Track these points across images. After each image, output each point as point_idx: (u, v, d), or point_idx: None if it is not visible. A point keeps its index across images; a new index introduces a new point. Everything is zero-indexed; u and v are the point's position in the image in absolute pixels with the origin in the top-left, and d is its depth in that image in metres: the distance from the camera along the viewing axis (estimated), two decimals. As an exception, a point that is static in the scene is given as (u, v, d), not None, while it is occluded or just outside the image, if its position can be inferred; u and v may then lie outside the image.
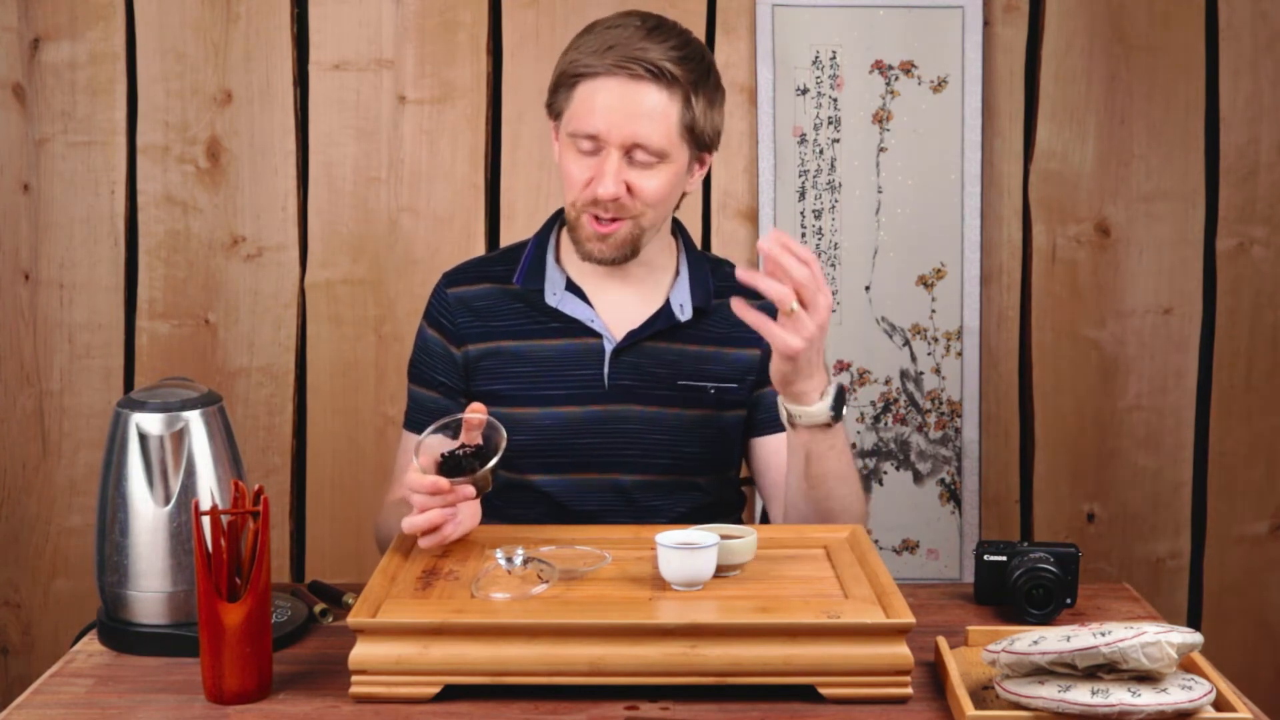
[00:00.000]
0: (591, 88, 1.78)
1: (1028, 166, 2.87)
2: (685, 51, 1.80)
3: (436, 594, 1.53)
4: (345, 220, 2.85)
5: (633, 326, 1.90)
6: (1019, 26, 2.85)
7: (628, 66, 1.76)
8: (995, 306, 2.89)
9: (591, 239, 1.84)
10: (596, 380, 1.89)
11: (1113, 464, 2.92)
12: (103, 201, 2.83)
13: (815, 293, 1.66)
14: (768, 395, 1.94)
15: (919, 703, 1.46)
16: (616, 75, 1.77)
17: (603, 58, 1.77)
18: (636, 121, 1.77)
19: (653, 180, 1.80)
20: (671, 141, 1.80)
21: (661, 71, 1.77)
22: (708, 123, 1.84)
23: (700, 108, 1.81)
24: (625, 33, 1.78)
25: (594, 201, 1.81)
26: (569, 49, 1.83)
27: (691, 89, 1.79)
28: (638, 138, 1.77)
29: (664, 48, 1.78)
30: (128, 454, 1.59)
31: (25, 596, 2.90)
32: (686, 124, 1.81)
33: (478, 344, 1.92)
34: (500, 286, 1.94)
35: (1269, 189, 2.87)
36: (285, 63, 2.82)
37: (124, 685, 1.51)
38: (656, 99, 1.77)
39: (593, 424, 1.87)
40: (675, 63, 1.77)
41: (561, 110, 1.84)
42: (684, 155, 1.83)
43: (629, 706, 1.43)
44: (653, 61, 1.76)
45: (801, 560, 1.66)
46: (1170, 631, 1.36)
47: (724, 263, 2.02)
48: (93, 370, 2.86)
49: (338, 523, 2.89)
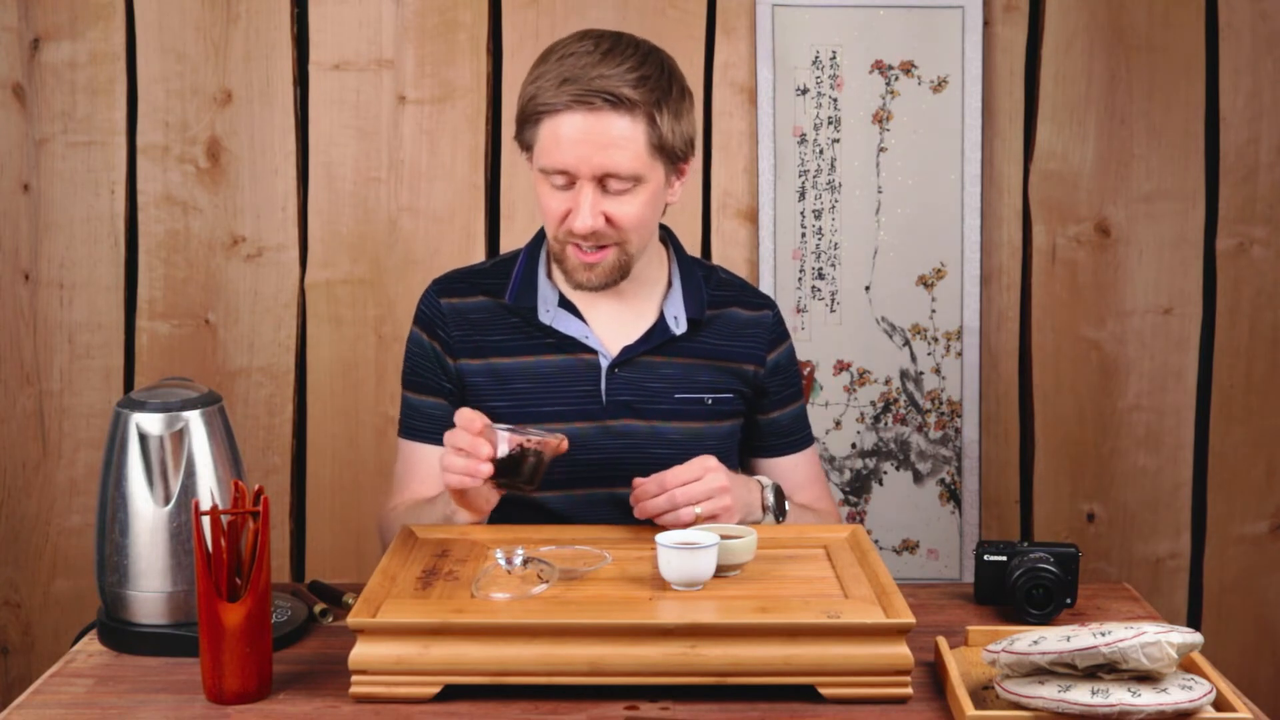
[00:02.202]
0: (555, 124, 1.75)
1: (1028, 166, 2.87)
2: (642, 70, 1.76)
3: (436, 594, 1.53)
4: (345, 220, 2.85)
5: (628, 341, 1.90)
6: (1019, 26, 2.85)
7: (587, 100, 1.73)
8: (995, 306, 2.89)
9: (579, 269, 1.83)
10: (594, 397, 1.89)
11: (1113, 464, 2.92)
12: (103, 201, 2.83)
13: (686, 491, 1.72)
14: (768, 422, 2.00)
15: (919, 703, 1.46)
16: (576, 110, 1.74)
17: (560, 92, 1.74)
18: (604, 153, 1.75)
19: (630, 206, 1.79)
20: (643, 164, 1.77)
21: (620, 99, 1.73)
22: (677, 136, 1.80)
23: (667, 123, 1.78)
24: (580, 61, 1.75)
25: (572, 233, 1.80)
26: (529, 79, 1.80)
27: (654, 108, 1.76)
28: (608, 168, 1.75)
29: (620, 71, 1.74)
30: (128, 454, 1.59)
31: (25, 596, 2.90)
32: (655, 143, 1.78)
33: (472, 359, 1.92)
34: (495, 301, 1.93)
35: (1269, 189, 2.87)
36: (285, 63, 2.82)
37: (124, 685, 1.51)
38: (620, 126, 1.74)
39: (592, 440, 1.87)
40: (634, 85, 1.74)
41: (530, 145, 1.82)
42: (659, 173, 1.81)
43: (629, 706, 1.43)
44: (611, 90, 1.73)
45: (801, 560, 1.66)
46: (1170, 631, 1.36)
47: (716, 270, 2.02)
48: (93, 370, 2.86)
49: (338, 523, 2.89)
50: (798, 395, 2.03)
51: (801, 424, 2.04)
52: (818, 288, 2.86)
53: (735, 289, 2.00)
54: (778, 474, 1.99)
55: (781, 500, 1.87)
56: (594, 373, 1.89)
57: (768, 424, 2.00)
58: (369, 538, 2.88)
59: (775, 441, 2.00)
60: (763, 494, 1.85)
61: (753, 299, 2.00)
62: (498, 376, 1.90)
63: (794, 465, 2.00)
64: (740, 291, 2.00)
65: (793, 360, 2.02)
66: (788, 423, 2.01)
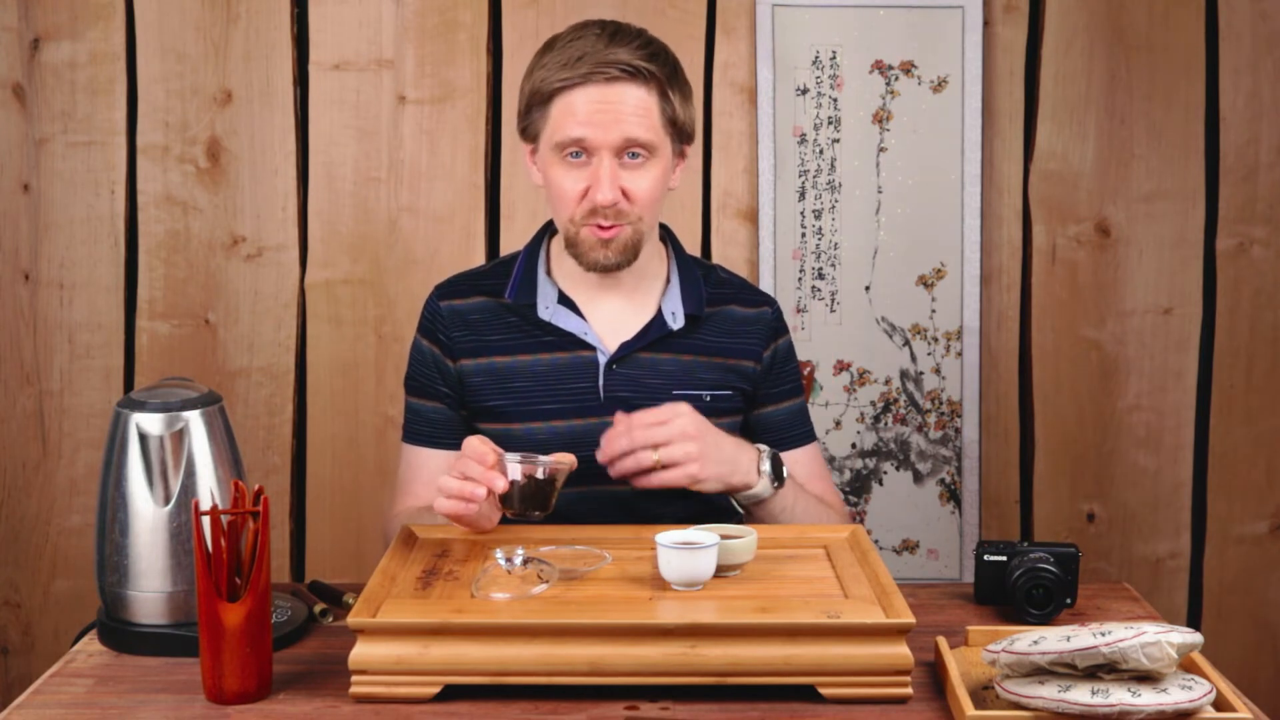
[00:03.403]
0: (570, 98, 1.80)
1: (1028, 166, 2.87)
2: (651, 49, 1.83)
3: (436, 594, 1.53)
4: (345, 220, 2.85)
5: (626, 338, 1.91)
6: (1019, 26, 2.85)
7: (603, 70, 1.78)
8: (995, 306, 2.89)
9: (595, 247, 1.84)
10: (592, 393, 1.90)
11: (1113, 464, 2.92)
12: (103, 201, 2.83)
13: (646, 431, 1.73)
14: (765, 416, 2.00)
15: (919, 703, 1.46)
16: (593, 82, 1.79)
17: (575, 68, 1.79)
18: (624, 121, 1.79)
19: (645, 180, 1.82)
20: (659, 135, 1.83)
21: (637, 70, 1.79)
22: (686, 115, 1.87)
23: (678, 100, 1.84)
24: (588, 42, 1.80)
25: (593, 211, 1.82)
26: (534, 68, 1.84)
27: (667, 83, 1.83)
28: (628, 134, 1.79)
29: (631, 48, 1.80)
30: (128, 454, 1.59)
31: (25, 596, 2.90)
32: (669, 117, 1.84)
33: (472, 359, 1.93)
34: (494, 300, 1.95)
35: (1269, 189, 2.87)
36: (285, 63, 2.82)
37: (124, 685, 1.51)
38: (638, 95, 1.80)
39: (590, 437, 1.87)
40: (647, 59, 1.80)
41: (539, 130, 1.85)
42: (669, 149, 1.86)
43: (629, 706, 1.43)
44: (626, 62, 1.79)
45: (801, 560, 1.66)
46: (1170, 631, 1.36)
47: (715, 268, 2.03)
48: (93, 370, 2.86)
49: (338, 523, 2.89)
50: (796, 391, 2.04)
51: (801, 420, 2.04)
52: (818, 288, 2.86)
53: (734, 287, 2.01)
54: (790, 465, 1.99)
55: (779, 467, 1.85)
56: (592, 369, 1.90)
57: (766, 418, 2.00)
58: (369, 538, 2.88)
59: (774, 437, 1.99)
60: (759, 458, 1.84)
61: (752, 296, 2.01)
62: (497, 375, 1.91)
63: (793, 461, 2.00)
64: (739, 290, 2.01)
65: (790, 356, 2.03)
66: (785, 418, 2.01)
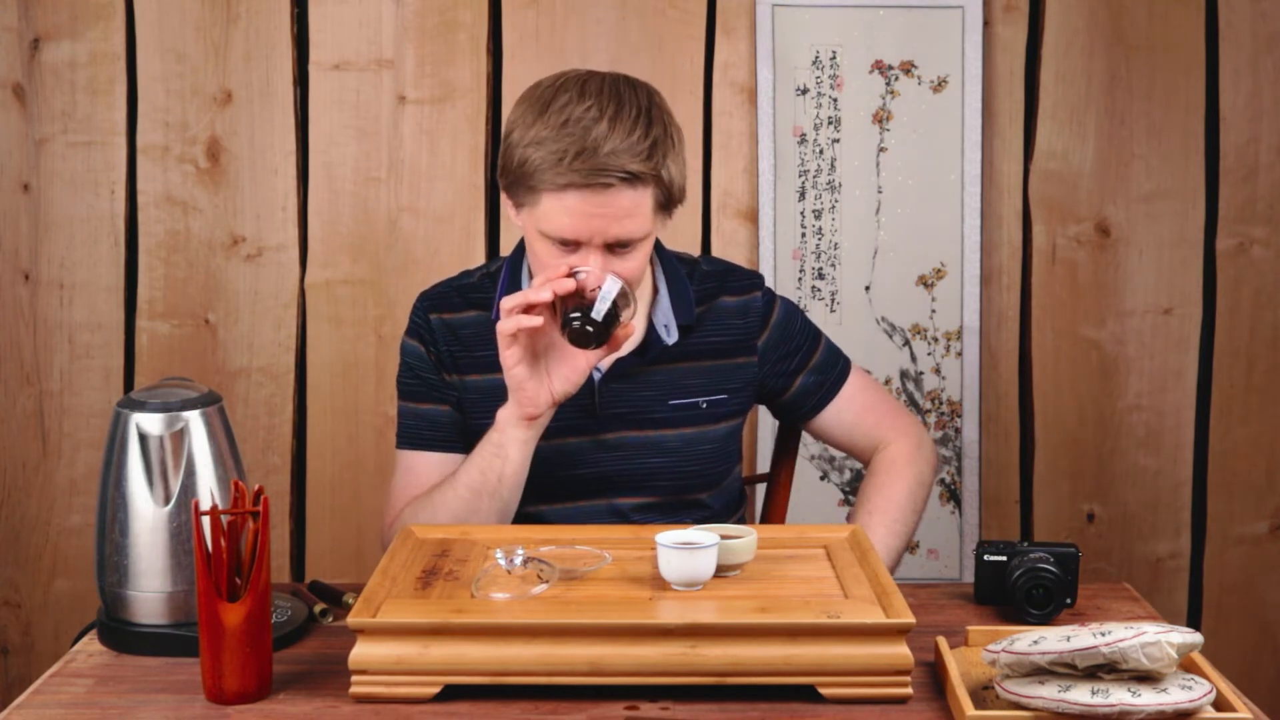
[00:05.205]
0: (561, 199, 1.70)
1: (1028, 166, 2.87)
2: (651, 134, 1.70)
3: (436, 594, 1.53)
4: (345, 220, 2.85)
5: (620, 354, 1.86)
6: (1019, 26, 2.85)
7: (599, 179, 1.67)
8: (995, 306, 2.89)
9: None
10: (588, 410, 1.87)
11: (1113, 464, 2.92)
12: (103, 201, 2.83)
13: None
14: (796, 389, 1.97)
15: (919, 703, 1.46)
16: (589, 189, 1.68)
17: (568, 170, 1.67)
18: (617, 224, 1.71)
19: (633, 261, 1.76)
20: (650, 224, 1.75)
21: (634, 175, 1.69)
22: (677, 183, 1.76)
23: (670, 175, 1.74)
24: (583, 129, 1.68)
25: None
26: (522, 132, 1.72)
27: (662, 168, 1.72)
28: (620, 237, 1.72)
29: (632, 142, 1.68)
30: (128, 454, 1.59)
31: (25, 596, 2.90)
32: (661, 201, 1.75)
33: (467, 375, 1.89)
34: (486, 314, 1.90)
35: (1269, 189, 2.87)
36: (285, 63, 2.82)
37: (124, 685, 1.51)
38: (631, 198, 1.70)
39: (588, 453, 1.86)
40: (645, 157, 1.69)
41: (523, 204, 1.76)
42: (658, 221, 1.78)
43: (629, 706, 1.43)
44: (624, 169, 1.68)
45: (801, 560, 1.66)
46: (1170, 631, 1.35)
47: (698, 262, 1.98)
48: (93, 370, 2.86)
49: (338, 523, 2.89)
50: (813, 347, 1.98)
51: (828, 369, 1.98)
52: (818, 288, 2.86)
53: (719, 277, 1.96)
54: (831, 427, 1.98)
55: None
56: (587, 386, 1.83)
57: (798, 390, 1.97)
58: (369, 538, 2.88)
59: (814, 399, 1.96)
60: None
61: (739, 281, 1.96)
62: (491, 393, 1.85)
63: (838, 411, 1.97)
64: (725, 278, 1.96)
65: (791, 319, 1.97)
66: (814, 379, 1.97)
